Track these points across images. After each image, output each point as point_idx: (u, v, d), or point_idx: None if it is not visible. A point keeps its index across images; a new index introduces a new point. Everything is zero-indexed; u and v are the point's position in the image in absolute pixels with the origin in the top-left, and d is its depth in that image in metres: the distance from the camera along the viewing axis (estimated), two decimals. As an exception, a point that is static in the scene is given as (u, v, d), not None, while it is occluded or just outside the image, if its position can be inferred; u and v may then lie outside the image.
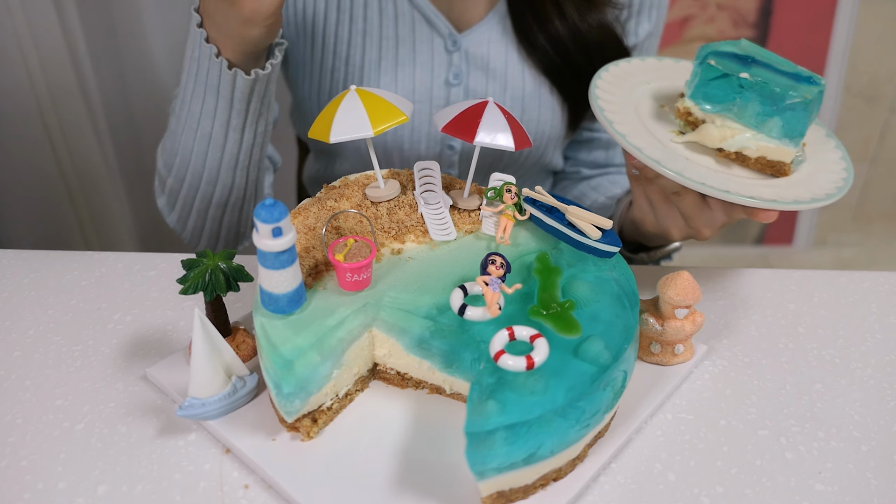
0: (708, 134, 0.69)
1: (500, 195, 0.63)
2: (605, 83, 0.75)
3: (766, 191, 0.66)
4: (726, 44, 0.70)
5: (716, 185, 0.64)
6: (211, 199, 0.87)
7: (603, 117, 0.69)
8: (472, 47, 0.92)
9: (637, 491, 0.55)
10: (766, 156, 0.68)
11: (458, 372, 0.58)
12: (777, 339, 0.70)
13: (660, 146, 0.68)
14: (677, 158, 0.68)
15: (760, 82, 0.66)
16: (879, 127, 2.04)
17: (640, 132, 0.69)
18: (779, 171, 0.69)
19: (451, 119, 0.63)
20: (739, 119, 0.68)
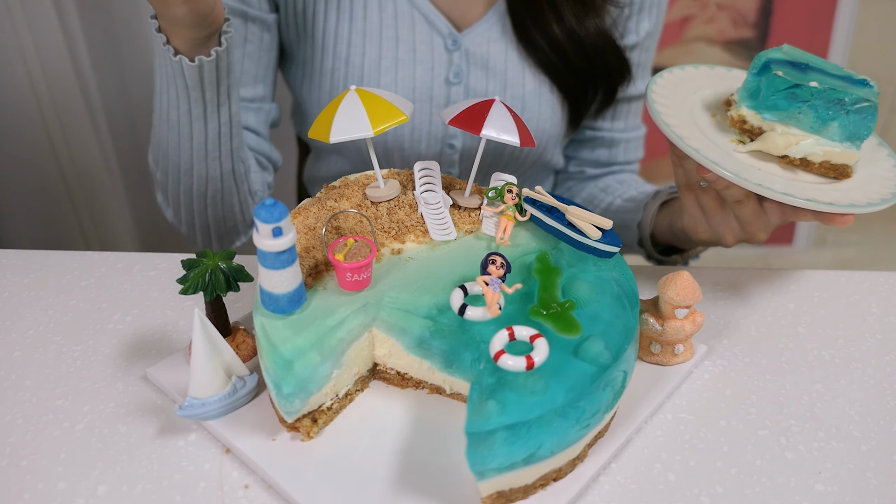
0: (773, 142, 0.69)
1: (500, 195, 0.63)
2: (660, 97, 0.74)
3: (831, 195, 0.66)
4: (774, 51, 0.71)
5: (796, 193, 0.64)
6: (192, 192, 0.88)
7: (672, 133, 0.68)
8: (472, 46, 0.92)
9: (637, 491, 0.55)
10: (831, 160, 0.69)
11: (458, 372, 0.58)
12: (777, 339, 0.70)
13: (728, 157, 0.68)
14: (750, 169, 0.67)
15: (829, 89, 0.66)
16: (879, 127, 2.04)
17: (706, 145, 0.69)
18: (842, 174, 0.69)
19: (458, 113, 0.64)
20: (800, 125, 0.68)
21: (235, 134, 0.85)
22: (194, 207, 0.90)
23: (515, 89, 0.94)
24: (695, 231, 0.77)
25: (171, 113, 0.81)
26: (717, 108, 0.76)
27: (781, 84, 0.67)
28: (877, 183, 0.69)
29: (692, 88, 0.77)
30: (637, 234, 0.93)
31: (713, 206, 0.73)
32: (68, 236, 1.61)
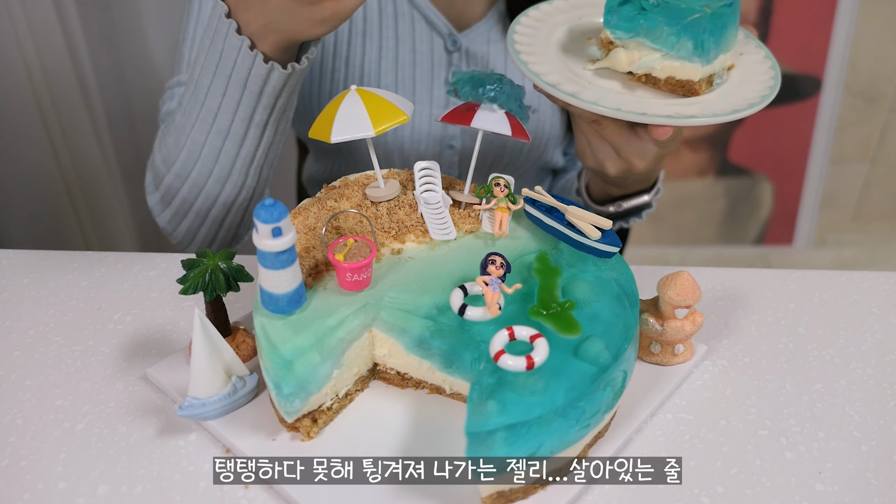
0: (616, 58, 0.69)
1: (490, 191, 0.64)
2: (530, 19, 0.75)
3: (666, 108, 0.65)
4: None
5: (609, 104, 0.64)
6: (216, 199, 0.83)
7: (512, 49, 0.69)
8: (471, 47, 0.92)
9: (637, 491, 0.55)
10: (674, 76, 0.68)
11: (458, 372, 0.58)
12: (777, 339, 0.70)
13: (566, 73, 0.69)
14: (578, 82, 0.67)
15: (662, 2, 0.66)
16: (879, 127, 2.04)
17: (552, 62, 0.69)
18: (689, 91, 0.68)
19: (449, 111, 0.65)
20: (652, 42, 0.68)
21: (283, 141, 0.82)
22: (210, 215, 0.85)
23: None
24: (583, 157, 0.78)
25: (221, 117, 0.76)
26: (595, 32, 0.76)
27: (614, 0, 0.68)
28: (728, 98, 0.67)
29: (574, 17, 0.78)
30: (575, 184, 0.95)
31: (588, 130, 0.74)
32: (68, 236, 1.61)
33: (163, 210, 0.88)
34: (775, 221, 2.21)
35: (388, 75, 0.92)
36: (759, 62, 0.73)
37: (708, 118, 0.64)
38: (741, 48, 0.74)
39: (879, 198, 2.18)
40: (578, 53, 0.74)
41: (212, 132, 0.77)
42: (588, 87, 0.67)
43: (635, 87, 0.70)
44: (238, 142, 0.77)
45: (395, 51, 0.92)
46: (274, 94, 0.74)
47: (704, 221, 2.19)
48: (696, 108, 0.66)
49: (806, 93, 1.96)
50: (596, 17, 0.77)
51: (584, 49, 0.75)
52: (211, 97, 0.75)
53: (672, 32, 0.66)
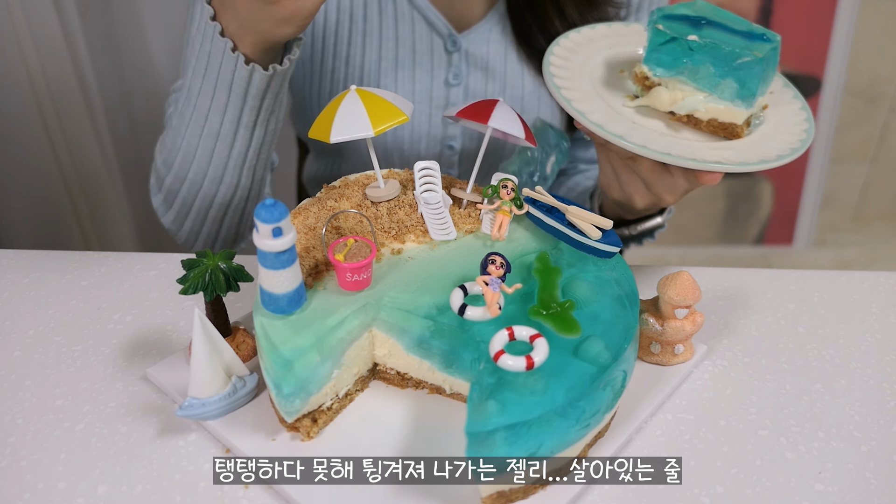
0: (659, 97, 0.68)
1: (496, 192, 0.63)
2: (563, 50, 0.74)
3: (713, 153, 0.64)
4: (680, 6, 0.70)
5: (659, 147, 0.63)
6: (213, 200, 0.84)
7: (552, 83, 0.68)
8: (471, 47, 0.92)
9: (637, 491, 0.55)
10: (717, 118, 0.67)
11: (458, 372, 0.58)
12: (777, 339, 0.70)
13: (608, 111, 0.67)
14: (623, 122, 0.66)
15: (710, 44, 0.65)
16: (879, 127, 2.04)
17: (591, 98, 0.68)
18: (731, 134, 0.68)
19: (465, 107, 0.65)
20: (694, 81, 0.67)
21: (275, 142, 0.83)
22: (209, 215, 0.87)
23: (515, 91, 0.94)
24: (609, 190, 0.77)
25: (212, 119, 0.77)
26: (627, 64, 0.75)
27: (661, 37, 0.67)
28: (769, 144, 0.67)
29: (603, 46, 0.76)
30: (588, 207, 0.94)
31: (619, 165, 0.73)
32: (68, 236, 1.61)
33: (166, 211, 0.90)
34: (775, 221, 2.21)
35: (388, 75, 0.92)
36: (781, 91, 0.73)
37: (756, 164, 0.63)
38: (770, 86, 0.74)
39: (879, 198, 2.18)
40: (613, 86, 0.73)
41: (203, 134, 0.78)
42: (634, 128, 0.66)
43: (678, 127, 0.69)
44: (228, 143, 0.78)
45: (395, 51, 0.92)
46: (258, 96, 0.75)
47: (704, 221, 2.19)
48: (744, 153, 0.65)
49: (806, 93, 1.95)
50: (624, 48, 0.77)
51: (617, 82, 0.73)
52: (201, 99, 0.76)
53: (717, 74, 0.66)
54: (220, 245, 0.92)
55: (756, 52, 0.64)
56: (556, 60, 0.72)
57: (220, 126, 0.77)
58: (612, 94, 0.71)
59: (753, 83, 0.65)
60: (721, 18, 0.68)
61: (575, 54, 0.74)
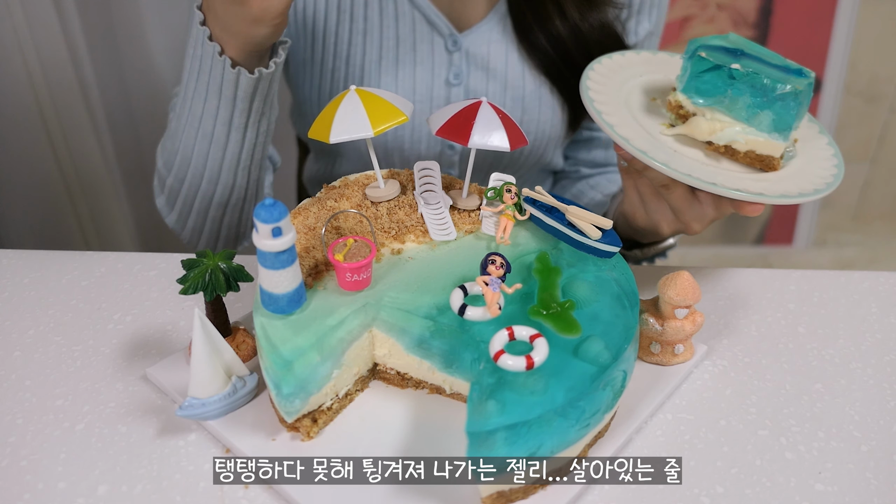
0: (697, 127, 0.69)
1: (499, 195, 0.63)
2: (598, 75, 0.74)
3: (754, 184, 0.65)
4: (715, 38, 0.70)
5: (703, 177, 0.63)
6: (211, 199, 0.86)
7: (592, 108, 0.68)
8: (472, 47, 0.92)
9: (637, 491, 0.55)
10: (756, 150, 0.68)
11: (458, 372, 0.58)
12: (777, 339, 0.70)
13: (648, 138, 0.68)
14: (665, 150, 0.67)
15: (752, 73, 0.66)
16: (879, 127, 2.04)
17: (629, 124, 0.69)
18: (768, 166, 0.68)
19: (445, 122, 0.63)
20: (730, 112, 0.68)
21: (268, 143, 0.84)
22: (209, 215, 0.88)
23: (516, 91, 0.94)
24: (633, 217, 0.77)
25: (205, 122, 0.79)
26: (661, 92, 0.76)
27: (703, 65, 0.67)
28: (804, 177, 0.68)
29: (635, 73, 0.77)
30: None
31: (648, 192, 0.73)
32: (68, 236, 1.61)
33: (170, 211, 0.92)
34: (775, 221, 2.21)
35: (389, 75, 0.92)
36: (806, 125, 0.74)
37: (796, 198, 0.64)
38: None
39: (879, 198, 2.18)
40: (648, 113, 0.73)
41: (198, 136, 0.80)
42: (675, 156, 0.67)
43: (715, 156, 0.70)
44: (222, 145, 0.80)
45: (396, 50, 0.92)
46: (247, 99, 0.76)
47: (704, 221, 2.19)
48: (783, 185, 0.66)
49: (806, 93, 1.96)
50: (654, 76, 0.77)
51: (650, 108, 0.74)
52: (195, 103, 0.78)
53: (755, 105, 0.66)
54: (222, 243, 0.93)
55: (796, 85, 0.65)
56: (592, 84, 0.72)
57: (213, 129, 0.79)
58: (648, 120, 0.72)
59: (791, 116, 0.66)
60: (756, 52, 0.70)
61: (609, 80, 0.74)
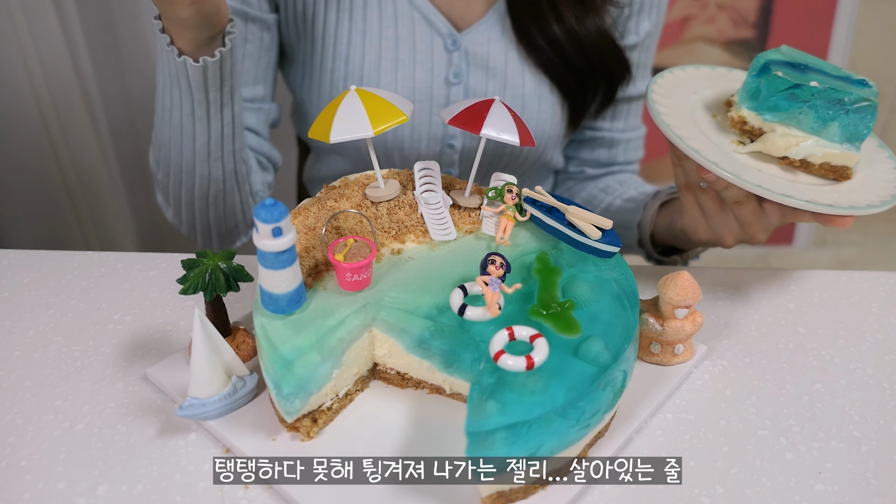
0: (773, 143, 0.69)
1: (501, 195, 0.63)
2: (661, 97, 0.74)
3: (831, 197, 0.65)
4: (772, 52, 0.71)
5: (795, 194, 0.64)
6: (193, 191, 0.88)
7: (672, 133, 0.68)
8: (471, 46, 0.92)
9: (637, 491, 0.55)
10: (831, 161, 0.69)
11: (458, 372, 0.58)
12: (777, 339, 0.70)
13: (728, 158, 0.68)
14: (750, 170, 0.67)
15: (828, 89, 0.66)
16: (879, 127, 2.04)
17: (706, 145, 0.68)
18: (842, 176, 0.69)
19: (458, 113, 0.64)
20: (802, 126, 0.68)
21: (238, 134, 0.85)
22: (195, 207, 0.89)
23: (515, 90, 0.94)
24: (695, 232, 0.77)
25: (173, 113, 0.81)
26: (717, 108, 0.76)
27: (782, 84, 0.67)
28: (877, 185, 0.69)
29: (693, 89, 0.77)
30: (637, 235, 0.93)
31: (713, 207, 0.73)
32: (68, 236, 1.61)
33: (167, 207, 0.93)
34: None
35: (388, 74, 0.92)
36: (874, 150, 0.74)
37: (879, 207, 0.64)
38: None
39: (879, 198, 2.18)
40: (714, 129, 0.73)
41: (171, 128, 0.82)
42: (757, 174, 0.67)
43: (791, 170, 0.70)
44: (189, 136, 0.82)
45: (395, 51, 0.92)
46: (200, 88, 0.77)
47: (704, 221, 2.19)
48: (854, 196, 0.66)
49: (806, 93, 1.96)
50: (706, 91, 0.77)
51: (714, 124, 0.74)
52: (164, 96, 0.81)
53: (825, 118, 0.67)
54: (216, 238, 0.94)
55: (870, 96, 0.66)
56: (662, 109, 0.71)
57: (180, 120, 0.81)
58: (717, 137, 0.72)
59: (867, 126, 0.67)
60: (815, 64, 0.70)
61: (670, 100, 0.74)
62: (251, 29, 0.91)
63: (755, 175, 0.66)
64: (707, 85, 0.78)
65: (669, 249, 0.93)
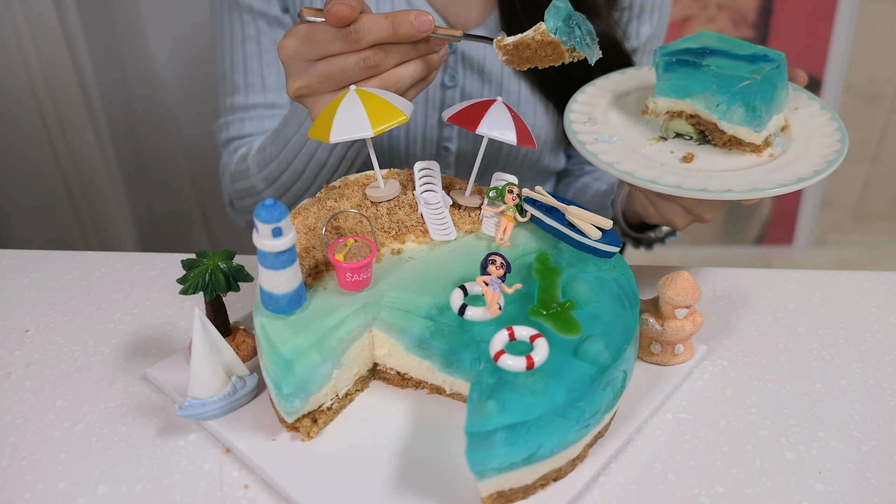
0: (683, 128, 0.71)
1: (501, 196, 0.63)
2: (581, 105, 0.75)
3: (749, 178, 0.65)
4: (684, 40, 0.72)
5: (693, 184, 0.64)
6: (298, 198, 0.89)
7: (585, 151, 0.69)
8: (468, 50, 0.92)
9: (637, 491, 0.55)
10: (737, 135, 0.69)
11: (458, 372, 0.58)
12: (777, 339, 0.70)
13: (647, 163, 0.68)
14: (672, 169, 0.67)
15: (714, 71, 0.67)
16: (879, 127, 2.04)
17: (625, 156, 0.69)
18: (757, 151, 0.69)
19: (458, 111, 0.64)
20: (706, 109, 0.69)
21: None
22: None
23: (511, 95, 0.94)
24: (646, 215, 0.79)
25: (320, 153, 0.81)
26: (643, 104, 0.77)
27: (667, 70, 0.70)
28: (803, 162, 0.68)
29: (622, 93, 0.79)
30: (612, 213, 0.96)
31: (654, 196, 0.74)
32: (68, 236, 1.61)
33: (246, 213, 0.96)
34: (775, 221, 2.21)
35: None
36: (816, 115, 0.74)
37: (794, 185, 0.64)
38: (795, 102, 0.75)
39: (879, 198, 2.18)
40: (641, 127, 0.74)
41: (311, 164, 0.83)
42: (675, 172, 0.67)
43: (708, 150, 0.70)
44: (333, 169, 0.83)
45: (394, 52, 0.92)
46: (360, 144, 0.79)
47: (704, 221, 2.19)
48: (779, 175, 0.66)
49: (806, 93, 1.96)
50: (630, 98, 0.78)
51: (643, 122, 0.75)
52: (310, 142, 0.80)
53: (723, 101, 0.68)
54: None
55: (755, 74, 0.66)
56: (577, 128, 0.72)
57: (326, 158, 0.81)
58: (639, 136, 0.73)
59: (759, 105, 0.67)
60: (725, 46, 0.70)
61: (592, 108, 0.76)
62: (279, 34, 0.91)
63: (675, 173, 0.66)
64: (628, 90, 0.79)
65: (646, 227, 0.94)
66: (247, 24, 0.91)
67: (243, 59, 0.92)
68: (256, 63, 0.92)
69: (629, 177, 0.65)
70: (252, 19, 0.90)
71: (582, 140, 0.70)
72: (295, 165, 0.84)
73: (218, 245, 1.79)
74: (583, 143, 0.69)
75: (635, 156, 0.69)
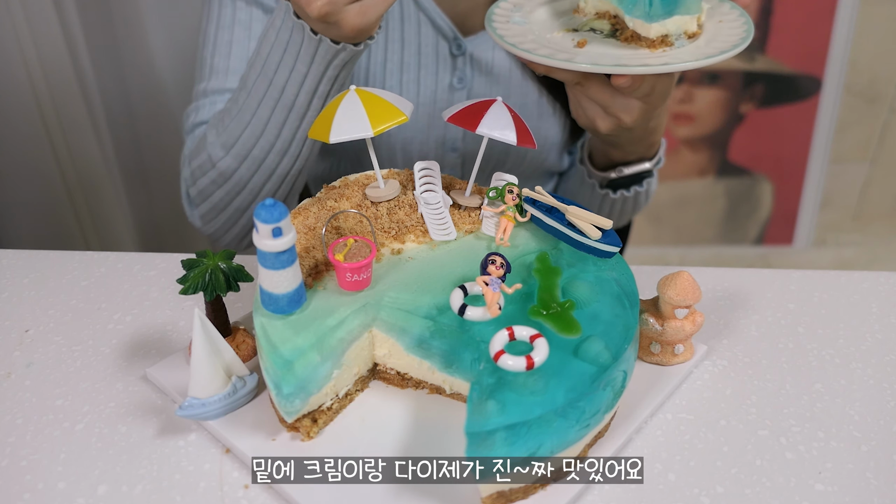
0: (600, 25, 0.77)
1: (501, 196, 0.63)
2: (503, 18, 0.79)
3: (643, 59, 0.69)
4: None
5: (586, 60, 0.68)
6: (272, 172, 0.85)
7: (491, 28, 0.74)
8: (476, 52, 0.92)
9: (637, 491, 0.55)
10: (637, 30, 0.72)
11: (458, 372, 0.58)
12: (777, 339, 0.70)
13: (547, 42, 0.73)
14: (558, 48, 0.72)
15: None
16: (879, 127, 2.04)
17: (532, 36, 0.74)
18: (653, 47, 0.72)
19: (458, 111, 0.64)
20: (619, 5, 0.73)
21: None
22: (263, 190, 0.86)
23: (519, 97, 0.94)
24: (577, 118, 0.81)
25: (288, 90, 0.78)
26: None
27: None
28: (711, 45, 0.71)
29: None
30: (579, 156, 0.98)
31: (577, 93, 0.77)
32: (68, 236, 1.61)
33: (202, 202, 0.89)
34: (775, 221, 2.21)
35: (393, 77, 0.92)
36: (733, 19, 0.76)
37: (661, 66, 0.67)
38: (720, 16, 0.77)
39: (879, 198, 2.18)
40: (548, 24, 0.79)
41: (278, 107, 0.79)
42: (564, 51, 0.72)
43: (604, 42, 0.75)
44: (301, 114, 0.80)
45: (401, 53, 0.92)
46: (339, 66, 0.76)
47: (704, 221, 2.19)
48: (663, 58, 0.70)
49: (806, 93, 1.96)
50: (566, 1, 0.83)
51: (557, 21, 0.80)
52: (279, 75, 0.77)
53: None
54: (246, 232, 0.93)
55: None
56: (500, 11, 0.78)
57: (295, 97, 0.78)
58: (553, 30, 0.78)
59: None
60: None
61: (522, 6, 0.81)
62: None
63: (566, 52, 0.71)
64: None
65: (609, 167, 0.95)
66: (239, 9, 0.89)
67: (229, 44, 0.89)
68: (243, 49, 0.89)
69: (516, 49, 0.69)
70: (246, 4, 0.89)
71: (494, 21, 0.75)
72: (259, 115, 0.80)
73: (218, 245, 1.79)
74: (492, 21, 0.75)
75: (539, 39, 0.73)
